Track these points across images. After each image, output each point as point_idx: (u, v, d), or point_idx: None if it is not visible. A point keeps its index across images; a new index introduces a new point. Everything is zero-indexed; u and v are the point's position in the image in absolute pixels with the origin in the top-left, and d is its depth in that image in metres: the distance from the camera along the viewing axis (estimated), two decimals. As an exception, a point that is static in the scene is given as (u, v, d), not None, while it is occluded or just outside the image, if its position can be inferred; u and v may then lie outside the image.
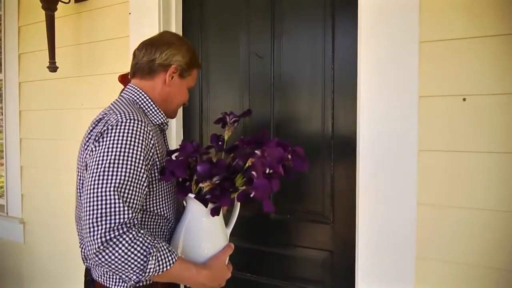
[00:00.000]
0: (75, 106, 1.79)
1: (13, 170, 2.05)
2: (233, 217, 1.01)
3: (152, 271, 0.77)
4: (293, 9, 1.37)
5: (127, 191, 0.78)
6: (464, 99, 1.04)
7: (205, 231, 0.93)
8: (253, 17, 1.45)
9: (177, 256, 0.82)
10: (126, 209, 0.76)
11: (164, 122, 1.01)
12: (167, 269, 0.79)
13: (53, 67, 1.71)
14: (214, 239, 0.94)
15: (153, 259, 0.77)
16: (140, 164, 0.81)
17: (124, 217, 0.75)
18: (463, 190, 1.05)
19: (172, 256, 0.81)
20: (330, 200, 1.32)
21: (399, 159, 1.10)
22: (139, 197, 0.81)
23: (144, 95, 0.98)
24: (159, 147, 0.90)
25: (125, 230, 0.75)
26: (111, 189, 0.76)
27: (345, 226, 1.30)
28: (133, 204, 0.79)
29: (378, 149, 1.12)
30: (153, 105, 0.98)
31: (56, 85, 1.85)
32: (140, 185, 0.81)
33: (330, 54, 1.30)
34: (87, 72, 1.75)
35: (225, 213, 1.02)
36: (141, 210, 0.86)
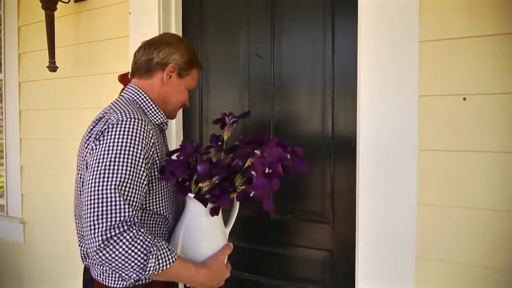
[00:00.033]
0: (75, 106, 1.79)
1: (13, 170, 2.05)
2: (232, 216, 1.01)
3: (152, 269, 0.77)
4: (293, 9, 1.37)
5: (128, 189, 0.78)
6: (464, 99, 1.04)
7: (204, 231, 0.94)
8: (253, 17, 1.44)
9: (176, 255, 0.83)
10: (126, 207, 0.76)
11: (163, 122, 1.01)
12: (167, 267, 0.80)
13: (53, 67, 1.71)
14: (213, 238, 0.95)
15: (153, 257, 0.77)
16: (140, 163, 0.82)
17: (124, 215, 0.75)
18: (463, 190, 1.05)
19: (172, 255, 0.81)
20: (330, 200, 1.32)
21: (399, 159, 1.10)
22: (139, 195, 0.81)
23: (144, 94, 0.98)
24: (159, 146, 0.90)
25: (126, 228, 0.75)
26: (112, 187, 0.76)
27: (345, 226, 1.29)
28: (134, 202, 0.79)
29: (378, 149, 1.12)
30: (152, 104, 0.98)
31: (56, 85, 1.85)
32: (140, 184, 0.82)
33: (330, 54, 1.30)
34: (87, 72, 1.75)
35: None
36: (140, 209, 0.86)
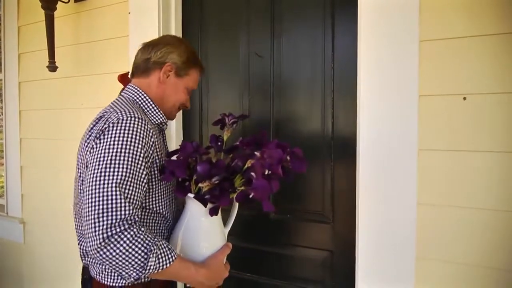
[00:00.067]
0: (75, 106, 1.79)
1: (13, 170, 2.05)
2: (231, 216, 1.02)
3: (152, 268, 0.77)
4: (293, 9, 1.37)
5: (128, 187, 0.79)
6: (464, 98, 1.04)
7: (204, 231, 0.94)
8: (253, 17, 1.44)
9: (176, 255, 0.83)
10: (127, 205, 0.77)
11: (163, 121, 1.01)
12: (167, 267, 0.80)
13: (52, 67, 1.71)
14: (212, 238, 0.95)
15: (154, 256, 0.77)
16: (141, 161, 0.82)
17: (125, 213, 0.76)
18: (463, 190, 1.05)
19: (172, 254, 0.82)
20: (330, 200, 1.32)
21: (399, 158, 1.09)
22: (139, 194, 0.81)
23: (143, 94, 0.98)
24: (158, 146, 0.90)
25: (127, 227, 0.75)
26: (112, 185, 0.76)
27: (345, 226, 1.29)
28: (134, 201, 0.79)
29: (378, 149, 1.12)
30: (152, 104, 0.98)
31: (55, 85, 1.85)
32: (140, 182, 0.82)
33: (330, 53, 1.30)
34: (86, 72, 1.75)
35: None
36: (140, 207, 0.86)
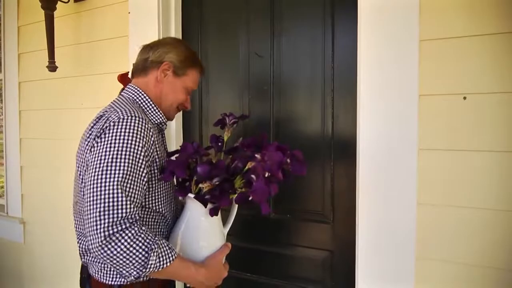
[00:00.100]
0: (75, 106, 1.79)
1: (13, 170, 2.05)
2: (230, 216, 1.02)
3: (153, 267, 0.78)
4: (292, 8, 1.36)
5: (129, 186, 0.79)
6: (465, 98, 1.04)
7: (204, 230, 0.94)
8: (252, 16, 1.44)
9: (176, 254, 0.84)
10: (128, 203, 0.77)
11: (162, 121, 1.02)
12: (167, 266, 0.80)
13: (52, 67, 1.71)
14: (212, 238, 0.95)
15: (155, 255, 0.78)
16: (141, 160, 0.82)
17: (126, 211, 0.76)
18: (463, 190, 1.04)
19: (172, 254, 0.82)
20: (330, 199, 1.32)
21: (399, 158, 1.09)
22: (140, 192, 0.82)
23: (143, 94, 0.98)
24: (158, 145, 0.91)
25: (128, 225, 0.75)
26: (114, 183, 0.77)
27: (345, 226, 1.29)
28: (135, 199, 0.80)
29: (378, 149, 1.12)
30: (152, 104, 0.99)
31: (55, 85, 1.85)
32: (141, 181, 0.82)
33: (330, 53, 1.30)
34: (86, 72, 1.75)
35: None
36: (141, 206, 0.86)
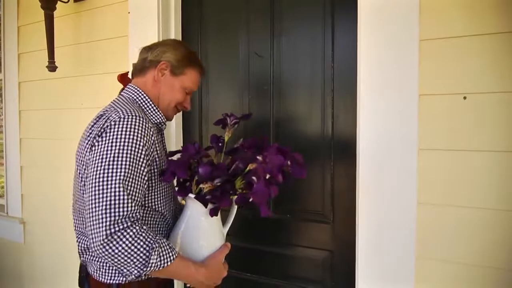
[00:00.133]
0: (75, 106, 1.79)
1: (13, 170, 2.05)
2: (230, 217, 1.02)
3: (154, 266, 0.78)
4: (292, 8, 1.36)
5: (131, 185, 0.79)
6: (465, 98, 1.03)
7: (203, 230, 0.95)
8: (252, 16, 1.44)
9: (177, 253, 0.84)
10: (130, 202, 0.77)
11: (162, 121, 1.02)
12: (168, 265, 0.80)
13: (52, 67, 1.71)
14: (211, 238, 0.95)
15: (156, 254, 0.78)
16: (142, 159, 0.83)
17: (128, 210, 0.76)
18: (463, 189, 1.04)
19: (172, 253, 0.82)
20: (330, 199, 1.32)
21: (399, 158, 1.09)
22: (140, 191, 0.82)
23: (143, 94, 0.99)
24: (158, 145, 0.91)
25: (129, 224, 0.76)
26: (116, 182, 0.77)
27: (345, 226, 1.29)
28: (136, 198, 0.80)
29: (378, 149, 1.12)
30: (151, 104, 0.99)
31: (55, 85, 1.85)
32: (142, 180, 0.83)
33: (329, 53, 1.30)
34: (86, 72, 1.75)
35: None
36: (141, 205, 0.86)
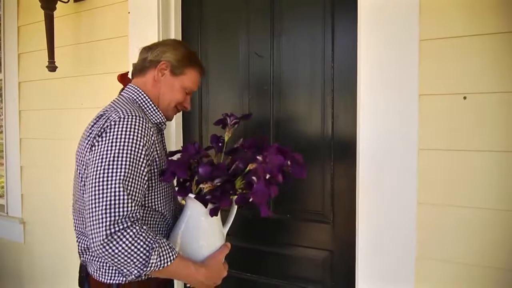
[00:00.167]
0: (75, 106, 1.79)
1: (13, 170, 2.05)
2: (230, 217, 1.02)
3: (154, 266, 0.78)
4: (292, 8, 1.36)
5: (131, 184, 0.79)
6: (465, 98, 1.03)
7: (203, 230, 0.95)
8: (252, 16, 1.44)
9: (177, 253, 0.84)
10: (130, 202, 0.77)
11: (162, 121, 1.02)
12: (168, 265, 0.80)
13: (52, 67, 1.71)
14: (211, 238, 0.95)
15: (156, 254, 0.78)
16: (142, 159, 0.83)
17: (128, 210, 0.76)
18: (463, 189, 1.04)
19: (173, 253, 0.82)
20: (330, 199, 1.32)
21: (399, 158, 1.09)
22: (140, 191, 0.82)
23: (143, 94, 0.99)
24: (158, 145, 0.91)
25: (129, 224, 0.76)
26: (116, 181, 0.77)
27: (345, 226, 1.29)
28: (136, 198, 0.80)
29: (378, 149, 1.12)
30: (151, 104, 0.99)
31: (55, 85, 1.85)
32: (142, 180, 0.83)
33: (330, 52, 1.30)
34: (86, 72, 1.75)
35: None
36: (141, 205, 0.86)
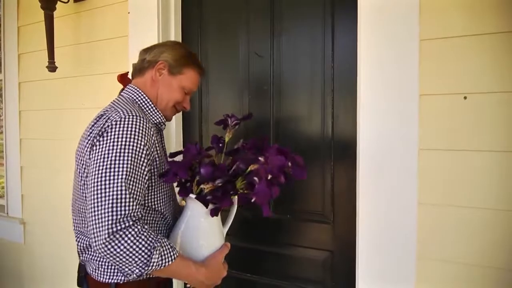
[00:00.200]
0: (75, 106, 1.79)
1: (13, 170, 2.05)
2: (230, 217, 1.02)
3: (155, 265, 0.78)
4: (292, 8, 1.36)
5: (132, 184, 0.80)
6: (465, 97, 1.03)
7: (204, 231, 0.95)
8: (252, 16, 1.44)
9: (178, 253, 0.84)
10: (131, 201, 0.78)
11: (161, 121, 1.02)
12: (169, 264, 0.81)
13: (52, 67, 1.70)
14: (211, 238, 0.96)
15: (157, 253, 0.78)
16: (143, 159, 0.83)
17: (129, 209, 0.77)
18: (463, 189, 1.04)
19: (173, 252, 0.83)
20: (330, 199, 1.32)
21: (399, 158, 1.09)
22: (141, 191, 0.82)
23: (142, 94, 0.99)
24: (158, 145, 0.92)
25: (131, 223, 0.76)
26: (118, 181, 0.77)
27: (345, 226, 1.29)
28: (137, 197, 0.80)
29: (378, 149, 1.12)
30: (151, 104, 1.00)
31: (55, 85, 1.85)
32: (143, 179, 0.83)
33: (330, 52, 1.30)
34: (86, 72, 1.75)
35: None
36: (141, 205, 0.87)
